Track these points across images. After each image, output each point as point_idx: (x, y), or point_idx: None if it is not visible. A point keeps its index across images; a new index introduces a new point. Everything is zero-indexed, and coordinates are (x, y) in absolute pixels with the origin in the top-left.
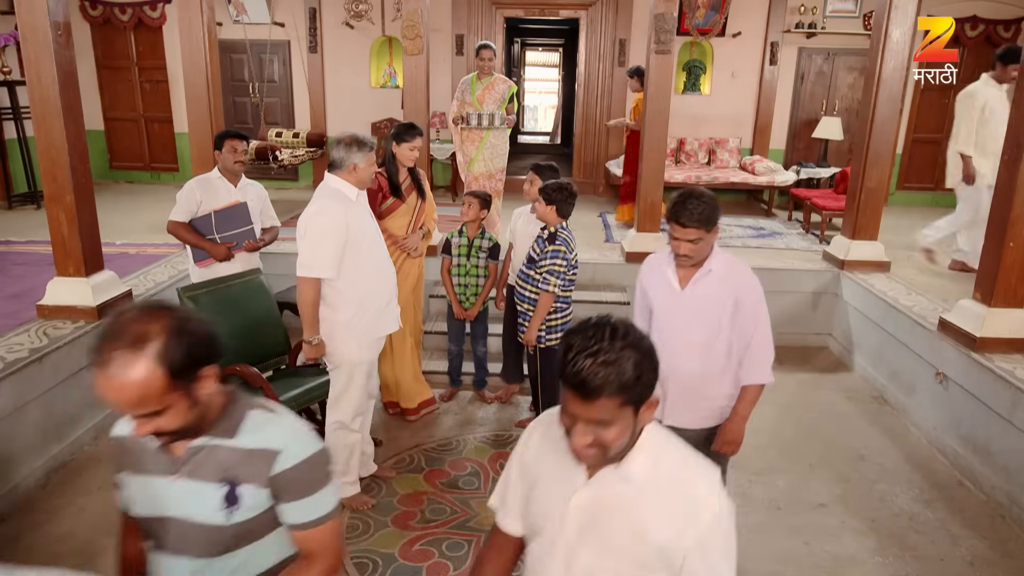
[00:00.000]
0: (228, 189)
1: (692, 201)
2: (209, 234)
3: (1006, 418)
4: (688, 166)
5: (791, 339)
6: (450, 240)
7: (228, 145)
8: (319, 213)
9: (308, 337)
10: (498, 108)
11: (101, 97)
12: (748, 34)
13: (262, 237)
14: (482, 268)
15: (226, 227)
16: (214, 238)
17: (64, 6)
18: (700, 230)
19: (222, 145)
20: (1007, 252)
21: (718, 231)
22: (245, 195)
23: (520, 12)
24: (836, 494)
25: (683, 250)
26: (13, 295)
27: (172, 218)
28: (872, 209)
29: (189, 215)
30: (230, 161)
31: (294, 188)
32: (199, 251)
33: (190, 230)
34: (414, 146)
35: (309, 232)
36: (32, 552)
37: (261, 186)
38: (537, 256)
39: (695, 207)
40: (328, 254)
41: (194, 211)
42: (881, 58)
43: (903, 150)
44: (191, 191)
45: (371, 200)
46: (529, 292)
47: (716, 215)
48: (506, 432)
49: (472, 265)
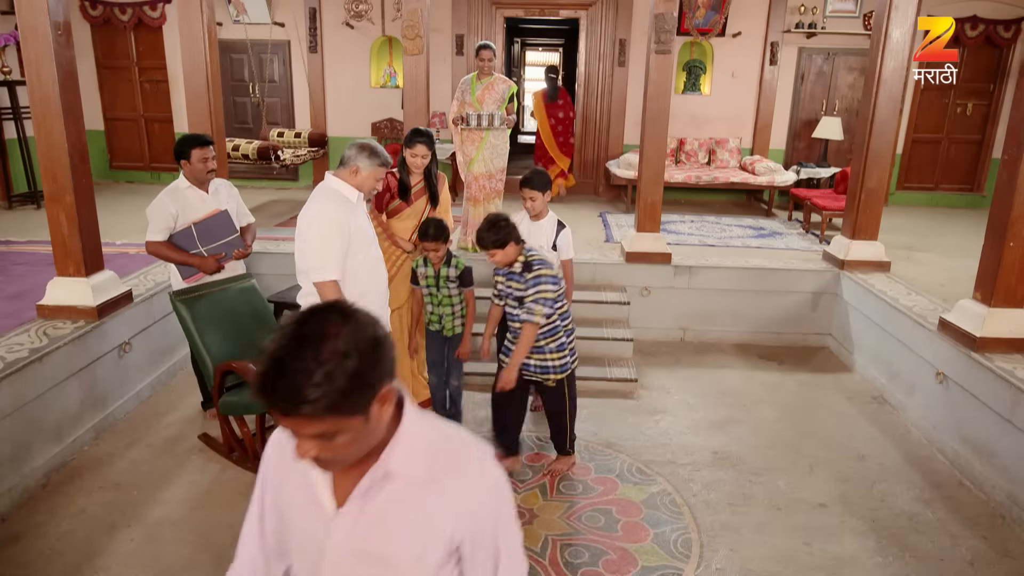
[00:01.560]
0: (201, 197)
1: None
2: (193, 248)
3: (1006, 418)
4: (688, 166)
5: (791, 339)
6: (415, 270)
7: (197, 155)
8: (319, 216)
9: None
10: (498, 108)
11: (101, 97)
12: (748, 34)
13: (248, 244)
14: (454, 297)
15: (210, 239)
16: (200, 252)
17: (64, 6)
18: None
19: (188, 154)
20: (1007, 252)
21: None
22: (219, 199)
23: (520, 12)
24: (836, 494)
25: None
26: (13, 295)
27: (150, 238)
28: (872, 209)
29: (167, 232)
30: (202, 172)
31: (294, 188)
32: (187, 268)
33: (172, 248)
34: (415, 153)
35: (312, 236)
36: (32, 552)
37: (230, 183)
38: (522, 292)
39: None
40: (334, 255)
41: (171, 226)
42: (881, 58)
43: (903, 150)
44: (163, 205)
45: (379, 199)
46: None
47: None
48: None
49: (444, 295)
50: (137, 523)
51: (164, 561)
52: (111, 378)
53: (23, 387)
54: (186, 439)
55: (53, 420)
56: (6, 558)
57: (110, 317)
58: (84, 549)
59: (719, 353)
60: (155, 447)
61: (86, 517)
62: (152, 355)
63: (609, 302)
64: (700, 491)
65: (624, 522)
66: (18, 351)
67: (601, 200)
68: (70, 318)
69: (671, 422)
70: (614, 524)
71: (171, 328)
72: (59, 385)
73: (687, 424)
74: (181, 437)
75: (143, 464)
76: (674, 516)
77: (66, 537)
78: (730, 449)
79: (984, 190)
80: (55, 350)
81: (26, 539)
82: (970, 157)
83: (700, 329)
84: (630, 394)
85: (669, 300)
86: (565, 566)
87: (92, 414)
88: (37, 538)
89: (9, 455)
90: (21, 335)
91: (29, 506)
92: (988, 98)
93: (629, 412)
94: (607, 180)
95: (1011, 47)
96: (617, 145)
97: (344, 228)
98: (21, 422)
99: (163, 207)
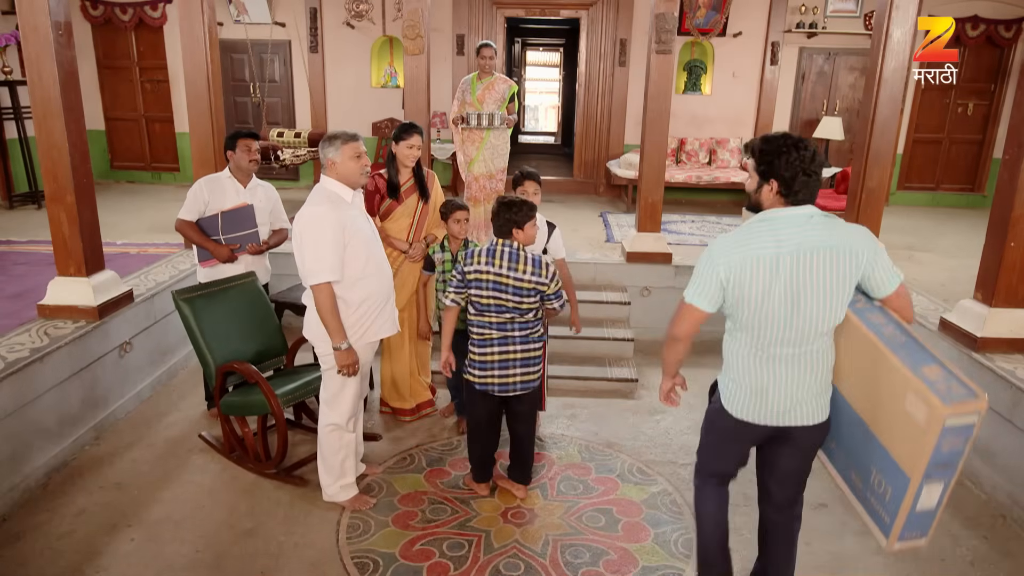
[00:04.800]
0: (237, 189)
1: None
2: (214, 235)
3: (1007, 418)
4: (688, 166)
5: None
6: (431, 256)
7: (242, 144)
8: (312, 219)
9: (337, 344)
10: (498, 108)
11: (102, 97)
12: (749, 34)
13: (266, 240)
14: None
15: (231, 229)
16: (219, 239)
17: (65, 6)
18: None
19: (235, 145)
20: (1008, 252)
21: None
22: (254, 196)
23: (521, 12)
24: (837, 494)
25: None
26: (14, 295)
27: (180, 216)
28: (873, 209)
29: (197, 214)
30: (244, 161)
31: (295, 188)
32: (204, 251)
33: (196, 229)
34: (411, 144)
35: (306, 239)
36: (33, 552)
37: (272, 187)
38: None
39: None
40: (329, 257)
41: (202, 211)
42: (882, 58)
43: (904, 150)
44: (199, 190)
45: (369, 201)
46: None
47: None
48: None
49: None
50: (138, 523)
51: (164, 561)
52: (112, 378)
53: (24, 387)
54: (187, 439)
55: (54, 420)
56: (6, 558)
57: (111, 317)
58: (85, 549)
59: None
60: (156, 447)
61: (87, 517)
62: (153, 355)
63: (610, 302)
64: None
65: (625, 522)
66: (19, 351)
67: (602, 200)
68: (71, 318)
69: (672, 422)
70: (615, 524)
71: (172, 328)
72: (60, 385)
73: (688, 424)
74: (182, 437)
75: (144, 464)
76: (675, 516)
77: (67, 537)
78: None
79: (985, 190)
80: (56, 350)
81: (27, 539)
82: (971, 157)
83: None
84: (631, 394)
85: (670, 300)
86: (566, 566)
87: (93, 414)
88: (38, 538)
89: (9, 455)
90: (22, 335)
91: (30, 506)
92: (989, 98)
93: (630, 412)
94: (608, 180)
95: (1012, 47)
96: (618, 145)
97: (338, 229)
98: (22, 422)
99: (199, 191)
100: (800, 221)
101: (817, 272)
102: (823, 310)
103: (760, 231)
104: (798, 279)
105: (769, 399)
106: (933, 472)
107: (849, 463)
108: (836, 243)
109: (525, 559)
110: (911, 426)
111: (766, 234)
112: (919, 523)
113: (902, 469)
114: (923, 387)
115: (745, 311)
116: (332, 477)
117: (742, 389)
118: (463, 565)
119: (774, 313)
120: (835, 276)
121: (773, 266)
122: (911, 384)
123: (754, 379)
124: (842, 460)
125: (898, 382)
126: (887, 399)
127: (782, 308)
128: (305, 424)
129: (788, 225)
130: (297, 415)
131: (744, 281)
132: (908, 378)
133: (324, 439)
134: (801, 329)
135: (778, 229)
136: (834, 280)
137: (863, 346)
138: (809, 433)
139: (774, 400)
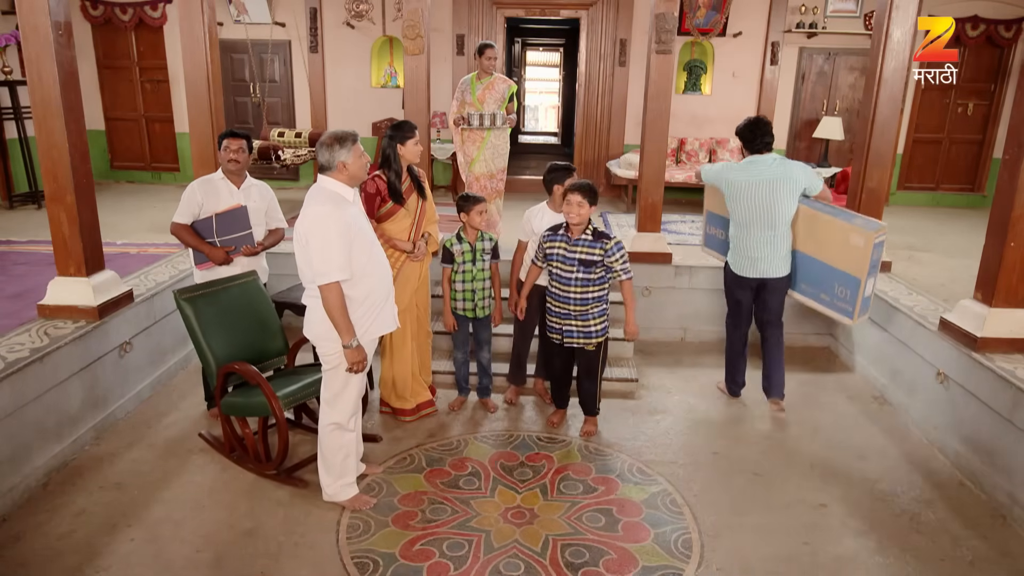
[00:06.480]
0: (230, 190)
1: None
2: (209, 237)
3: (1007, 418)
4: (689, 166)
5: (793, 339)
6: (450, 248)
7: (224, 144)
8: (317, 220)
9: (347, 342)
10: (499, 108)
11: (102, 97)
12: (749, 34)
13: (261, 241)
14: (487, 271)
15: (225, 231)
16: (214, 241)
17: (65, 6)
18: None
19: (221, 145)
20: (1008, 252)
21: None
22: (248, 196)
23: (521, 12)
24: (837, 494)
25: None
26: (14, 295)
27: (175, 219)
28: (873, 209)
29: (191, 217)
30: (224, 160)
31: (295, 188)
32: (199, 254)
33: (191, 232)
34: (418, 141)
35: (312, 241)
36: (33, 552)
37: (267, 186)
38: (598, 257)
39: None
40: (338, 257)
41: (196, 213)
42: (882, 58)
43: (904, 150)
44: (193, 193)
45: (370, 204)
46: (578, 294)
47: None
48: (507, 432)
49: (479, 269)
50: (138, 523)
51: (164, 561)
52: (112, 378)
53: (24, 387)
54: (187, 439)
55: (54, 420)
56: (7, 558)
57: (111, 317)
58: (85, 549)
59: (720, 353)
60: (156, 447)
61: (87, 517)
62: (153, 355)
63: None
64: (701, 491)
65: (625, 522)
66: (19, 351)
67: (602, 200)
68: (71, 318)
69: (672, 422)
70: (615, 524)
71: (172, 328)
72: (60, 385)
73: (688, 424)
74: (182, 437)
75: (144, 464)
76: (675, 516)
77: (67, 537)
78: (731, 449)
79: (985, 190)
80: (56, 350)
81: (27, 539)
82: (971, 157)
83: (701, 329)
84: (631, 394)
85: (670, 300)
86: (566, 566)
87: (93, 414)
88: (38, 538)
89: (10, 455)
90: (22, 335)
91: (30, 506)
92: (989, 98)
93: (630, 412)
94: (608, 180)
95: (1012, 47)
96: (618, 145)
97: (344, 228)
98: (22, 422)
99: (192, 193)
100: (768, 161)
101: (777, 190)
102: (784, 210)
103: (746, 166)
104: (770, 193)
105: (755, 263)
106: (871, 271)
107: (818, 289)
108: (787, 174)
109: (525, 559)
110: (856, 250)
111: (750, 167)
112: (865, 306)
113: (853, 276)
114: (857, 228)
115: (737, 210)
116: (332, 476)
117: (740, 258)
118: (463, 565)
119: (755, 213)
120: (787, 191)
121: (755, 185)
122: (850, 229)
123: (747, 251)
124: (812, 290)
125: (838, 229)
126: (833, 243)
127: (760, 210)
128: (305, 424)
129: (761, 163)
130: (297, 415)
131: (739, 191)
132: (846, 226)
133: (325, 438)
134: (772, 222)
135: (757, 164)
136: (787, 193)
137: (812, 218)
138: (779, 282)
139: (758, 263)
